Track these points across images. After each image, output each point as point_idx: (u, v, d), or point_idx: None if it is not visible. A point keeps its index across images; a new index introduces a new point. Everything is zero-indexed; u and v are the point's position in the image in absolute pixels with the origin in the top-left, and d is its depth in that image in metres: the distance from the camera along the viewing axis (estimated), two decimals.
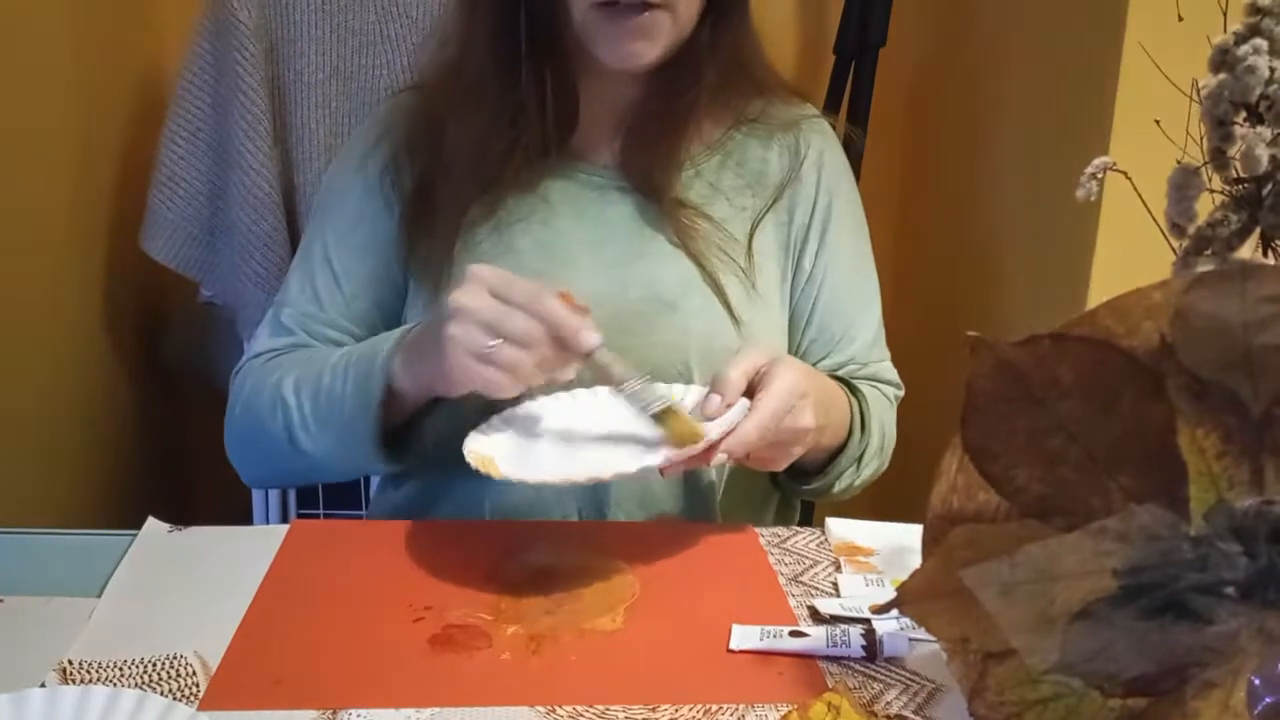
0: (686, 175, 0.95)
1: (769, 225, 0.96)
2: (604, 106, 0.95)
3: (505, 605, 0.71)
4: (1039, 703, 0.53)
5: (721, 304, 0.91)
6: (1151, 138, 0.67)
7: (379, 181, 0.95)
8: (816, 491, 0.93)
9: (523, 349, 0.74)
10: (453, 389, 0.78)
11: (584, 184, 0.94)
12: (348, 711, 0.59)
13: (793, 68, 1.73)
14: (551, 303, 0.75)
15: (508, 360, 0.74)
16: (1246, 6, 0.60)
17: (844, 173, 1.01)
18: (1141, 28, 1.06)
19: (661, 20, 0.87)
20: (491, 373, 0.75)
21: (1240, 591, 0.49)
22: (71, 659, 0.63)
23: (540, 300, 0.75)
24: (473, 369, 0.75)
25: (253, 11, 1.29)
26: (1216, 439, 0.49)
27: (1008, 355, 0.52)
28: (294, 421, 0.87)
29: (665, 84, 0.92)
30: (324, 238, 0.96)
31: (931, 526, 0.55)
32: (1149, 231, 0.66)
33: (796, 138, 0.99)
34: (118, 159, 1.46)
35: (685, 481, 0.91)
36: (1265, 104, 0.60)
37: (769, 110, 0.99)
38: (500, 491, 0.89)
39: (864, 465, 0.93)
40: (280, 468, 0.93)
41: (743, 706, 0.61)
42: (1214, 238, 0.62)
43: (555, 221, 0.92)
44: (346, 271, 0.95)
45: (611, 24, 0.86)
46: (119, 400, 1.49)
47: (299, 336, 0.94)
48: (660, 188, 0.92)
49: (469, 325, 0.75)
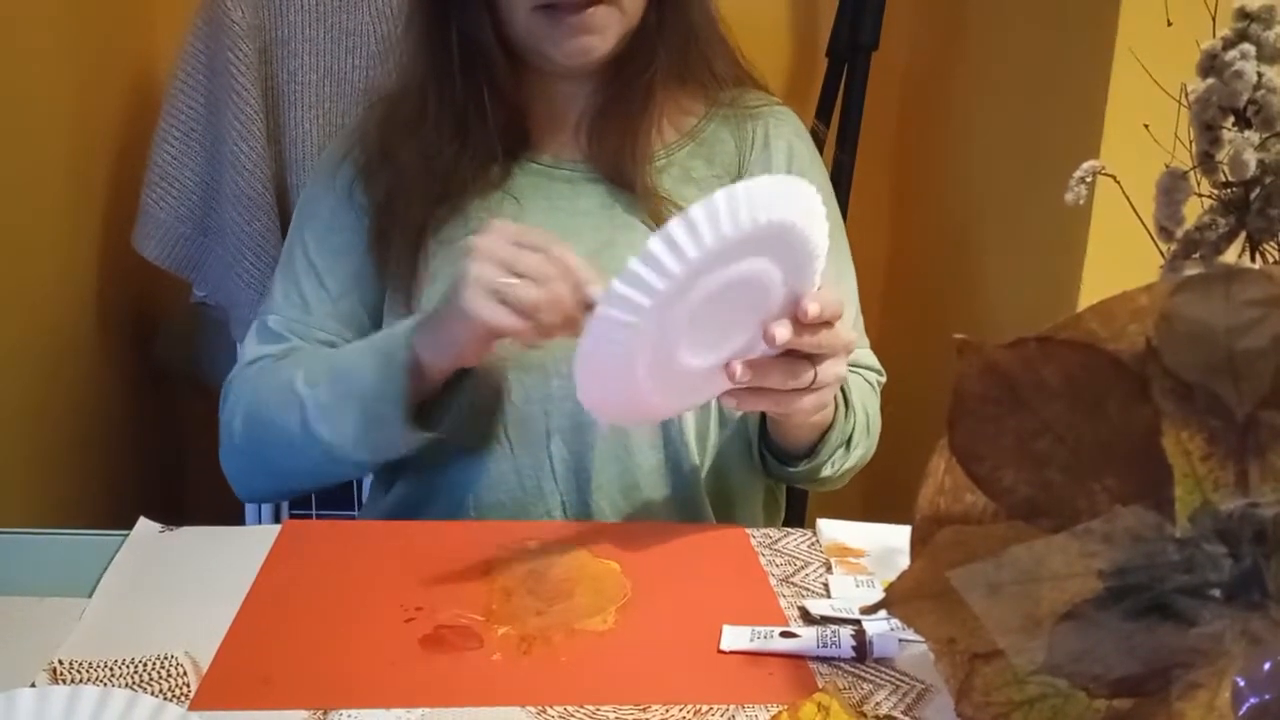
0: (658, 163, 0.95)
1: None
2: (564, 102, 0.96)
3: (496, 606, 0.71)
4: (1025, 703, 0.54)
5: None
6: (1141, 142, 0.68)
7: (349, 194, 0.96)
8: (806, 475, 0.92)
9: (539, 290, 0.75)
10: (469, 332, 0.79)
11: (555, 178, 0.95)
12: (339, 712, 0.60)
13: (785, 70, 1.73)
14: (566, 249, 0.76)
15: (522, 297, 0.75)
16: (1235, 12, 0.61)
17: (814, 163, 1.02)
18: (1131, 33, 1.07)
19: (606, 14, 0.87)
20: (504, 311, 0.76)
21: (1225, 593, 0.50)
22: (62, 659, 0.63)
23: (555, 245, 0.77)
24: (487, 305, 0.76)
25: (246, 12, 1.29)
26: (1201, 441, 0.50)
27: (995, 358, 0.52)
28: (309, 412, 0.86)
29: (620, 73, 0.93)
30: (304, 243, 0.97)
31: (919, 528, 0.56)
32: (1139, 235, 0.66)
33: (767, 129, 0.99)
34: (111, 159, 1.46)
35: (669, 467, 0.92)
36: (1253, 109, 0.60)
37: (741, 100, 1.00)
38: (486, 488, 0.90)
39: (853, 447, 0.92)
40: (288, 467, 0.91)
41: (733, 707, 0.61)
42: (1202, 241, 0.63)
43: (526, 218, 0.92)
44: (329, 271, 0.95)
45: (556, 25, 0.87)
46: (110, 400, 1.49)
47: (290, 341, 0.95)
48: (630, 177, 0.93)
49: (486, 263, 0.76)
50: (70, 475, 1.36)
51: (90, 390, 1.42)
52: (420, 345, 0.82)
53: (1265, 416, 0.49)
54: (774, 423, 0.89)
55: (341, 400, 0.85)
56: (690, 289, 0.68)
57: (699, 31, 0.95)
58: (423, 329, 0.82)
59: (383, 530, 0.82)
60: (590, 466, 0.90)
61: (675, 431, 0.91)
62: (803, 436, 0.89)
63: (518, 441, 0.90)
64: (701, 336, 0.72)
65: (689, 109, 0.99)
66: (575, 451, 0.90)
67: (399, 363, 0.82)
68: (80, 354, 1.40)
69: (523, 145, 0.95)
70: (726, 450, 0.94)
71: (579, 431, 0.90)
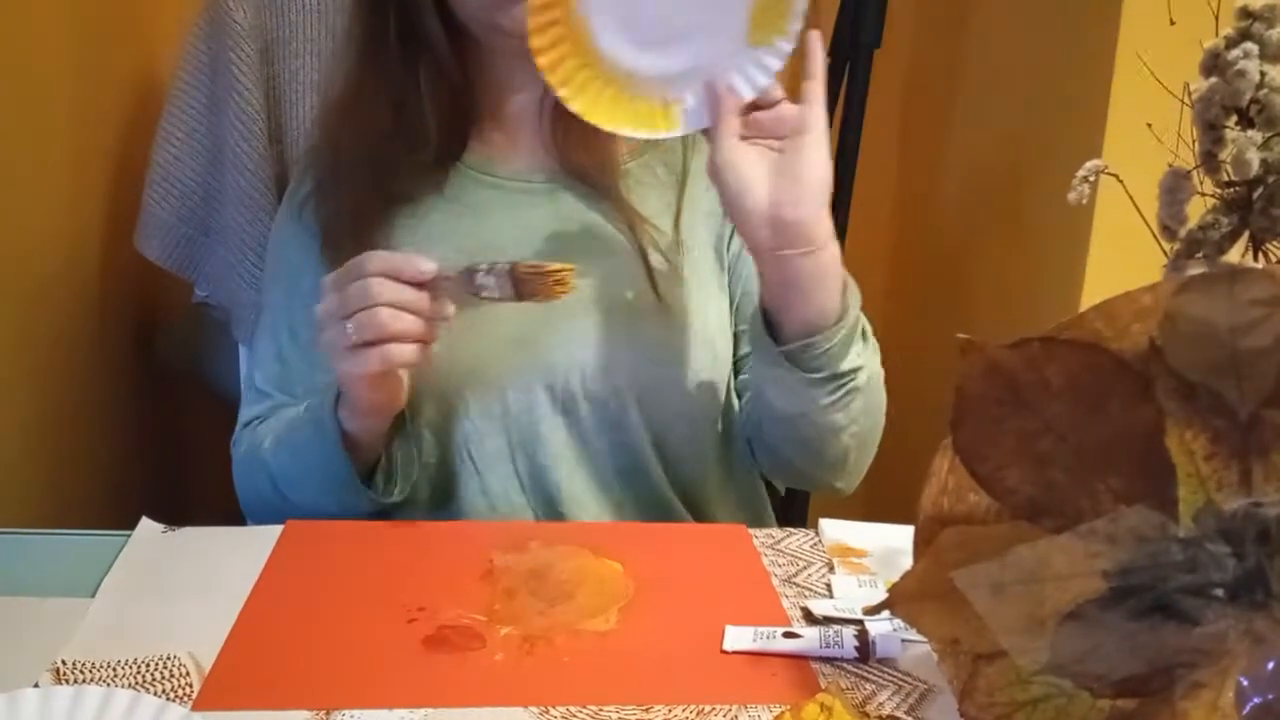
0: (626, 166, 0.95)
1: (699, 218, 0.95)
2: (521, 98, 0.94)
3: (499, 606, 0.71)
4: (1029, 703, 0.53)
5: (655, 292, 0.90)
6: (1144, 141, 0.68)
7: (299, 215, 0.96)
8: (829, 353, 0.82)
9: (376, 311, 0.75)
10: (374, 394, 0.80)
11: (510, 188, 0.94)
12: (341, 712, 0.60)
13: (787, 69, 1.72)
14: (373, 257, 0.76)
15: (376, 329, 0.75)
16: (1237, 11, 0.61)
17: None
18: (1134, 32, 1.07)
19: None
20: (374, 353, 0.76)
21: (1228, 593, 0.50)
22: (65, 659, 0.63)
23: (364, 262, 0.76)
24: (357, 363, 0.77)
25: (248, 12, 1.29)
26: (1205, 441, 0.50)
27: (997, 358, 0.52)
28: (278, 480, 0.90)
29: None
30: (276, 297, 0.98)
31: (922, 528, 0.56)
32: (1142, 235, 0.66)
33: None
34: (112, 159, 1.46)
35: (631, 471, 0.91)
36: (1256, 108, 0.60)
37: None
38: (456, 512, 0.90)
39: (869, 343, 0.87)
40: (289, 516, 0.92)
41: (736, 707, 0.61)
42: (1205, 241, 0.62)
43: (482, 231, 0.91)
44: (304, 322, 0.93)
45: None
46: (112, 400, 1.49)
47: (276, 398, 0.96)
48: (596, 178, 0.92)
49: (327, 330, 0.77)
50: (73, 476, 1.36)
51: (92, 390, 1.42)
52: (345, 417, 0.84)
53: (1269, 416, 0.49)
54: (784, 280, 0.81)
55: (301, 476, 0.88)
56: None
57: None
58: (341, 397, 0.84)
59: (385, 530, 0.82)
60: (557, 478, 0.90)
61: (633, 436, 0.90)
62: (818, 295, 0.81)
63: (480, 460, 0.90)
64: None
65: None
66: (540, 465, 0.90)
67: (333, 440, 0.84)
68: (82, 354, 1.40)
69: (470, 141, 0.94)
70: (685, 452, 0.93)
71: (539, 444, 0.90)
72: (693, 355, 0.91)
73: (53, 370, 1.32)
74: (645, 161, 0.96)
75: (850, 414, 0.86)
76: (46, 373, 1.30)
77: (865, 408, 0.87)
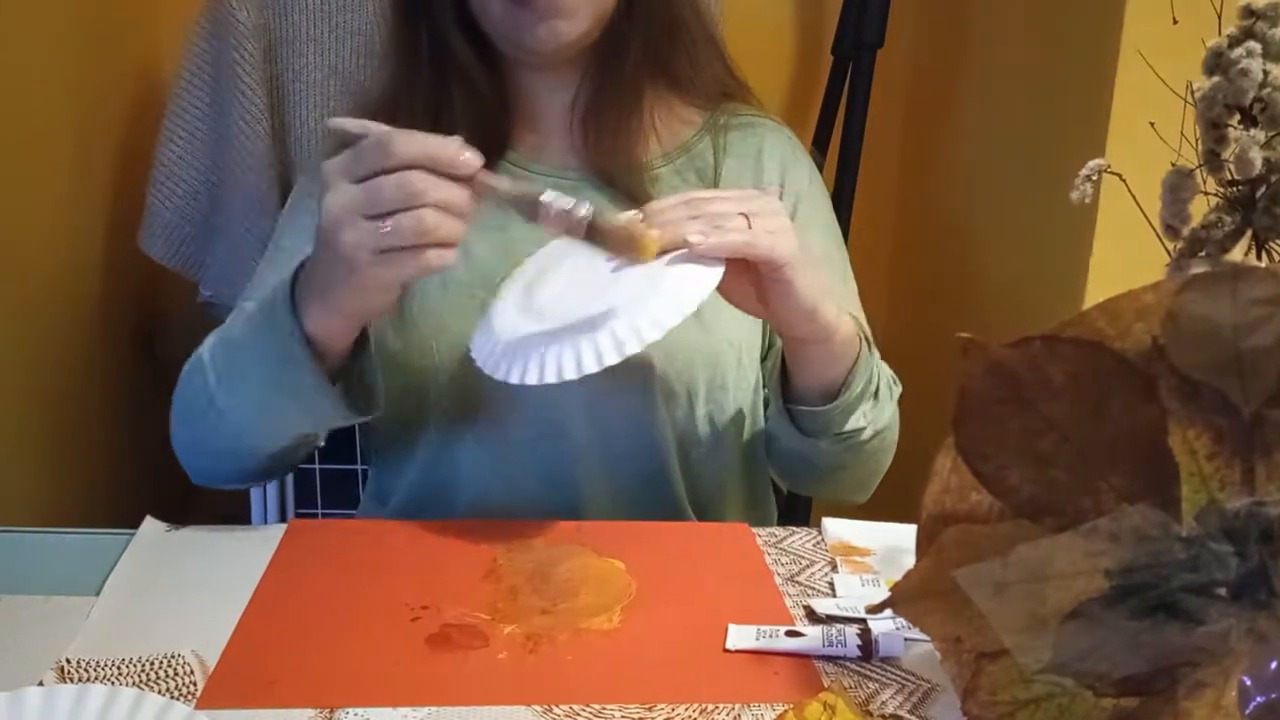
0: (654, 172, 0.95)
1: None
2: (547, 98, 0.94)
3: (502, 605, 0.71)
4: (1031, 702, 0.54)
5: None
6: (1146, 140, 0.68)
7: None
8: (837, 419, 0.85)
9: (422, 215, 0.66)
10: (386, 297, 0.73)
11: (545, 184, 0.94)
12: (345, 710, 0.60)
13: (790, 69, 1.73)
14: (405, 138, 0.67)
15: (419, 234, 0.66)
16: (1240, 10, 0.61)
17: (809, 176, 1.01)
18: (1137, 31, 1.07)
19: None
20: (411, 259, 0.67)
21: (1231, 592, 0.50)
22: (69, 658, 0.63)
23: (391, 144, 0.66)
24: (388, 270, 0.68)
25: (251, 11, 1.29)
26: (1208, 440, 0.50)
27: (999, 357, 0.52)
28: (210, 381, 0.81)
29: (599, 65, 0.92)
30: (280, 231, 0.97)
31: (925, 527, 0.56)
32: (1144, 234, 0.66)
33: (760, 144, 0.99)
34: (116, 158, 1.46)
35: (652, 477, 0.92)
36: (1259, 106, 0.60)
37: (733, 118, 0.99)
38: (474, 496, 0.90)
39: (881, 399, 0.88)
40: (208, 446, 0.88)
41: (739, 706, 0.61)
42: (1208, 239, 0.63)
43: (512, 227, 0.90)
44: (297, 249, 0.87)
45: (524, 10, 0.85)
46: (116, 399, 1.49)
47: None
48: (625, 182, 0.92)
49: (345, 231, 0.67)
50: (77, 474, 1.37)
51: (96, 389, 1.43)
52: (313, 307, 0.74)
53: (1272, 415, 0.49)
54: (792, 354, 0.85)
55: (241, 370, 0.80)
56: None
57: (677, 23, 0.94)
58: (313, 288, 0.73)
59: (389, 529, 0.82)
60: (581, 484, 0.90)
61: (657, 437, 0.91)
62: (826, 370, 0.84)
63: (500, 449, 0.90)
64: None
65: (686, 119, 0.98)
66: (564, 458, 0.90)
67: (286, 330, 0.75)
68: (86, 353, 1.40)
69: (504, 147, 0.94)
70: (706, 456, 0.93)
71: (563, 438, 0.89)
72: (718, 360, 0.91)
73: (55, 369, 1.32)
74: (677, 167, 0.96)
75: (855, 458, 0.91)
76: (50, 372, 1.30)
77: (870, 453, 0.91)
